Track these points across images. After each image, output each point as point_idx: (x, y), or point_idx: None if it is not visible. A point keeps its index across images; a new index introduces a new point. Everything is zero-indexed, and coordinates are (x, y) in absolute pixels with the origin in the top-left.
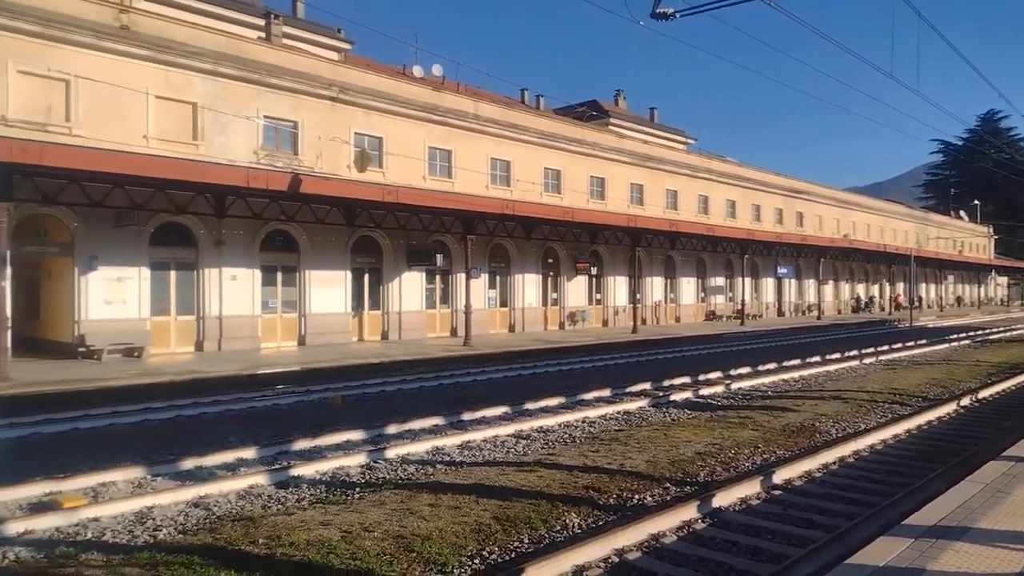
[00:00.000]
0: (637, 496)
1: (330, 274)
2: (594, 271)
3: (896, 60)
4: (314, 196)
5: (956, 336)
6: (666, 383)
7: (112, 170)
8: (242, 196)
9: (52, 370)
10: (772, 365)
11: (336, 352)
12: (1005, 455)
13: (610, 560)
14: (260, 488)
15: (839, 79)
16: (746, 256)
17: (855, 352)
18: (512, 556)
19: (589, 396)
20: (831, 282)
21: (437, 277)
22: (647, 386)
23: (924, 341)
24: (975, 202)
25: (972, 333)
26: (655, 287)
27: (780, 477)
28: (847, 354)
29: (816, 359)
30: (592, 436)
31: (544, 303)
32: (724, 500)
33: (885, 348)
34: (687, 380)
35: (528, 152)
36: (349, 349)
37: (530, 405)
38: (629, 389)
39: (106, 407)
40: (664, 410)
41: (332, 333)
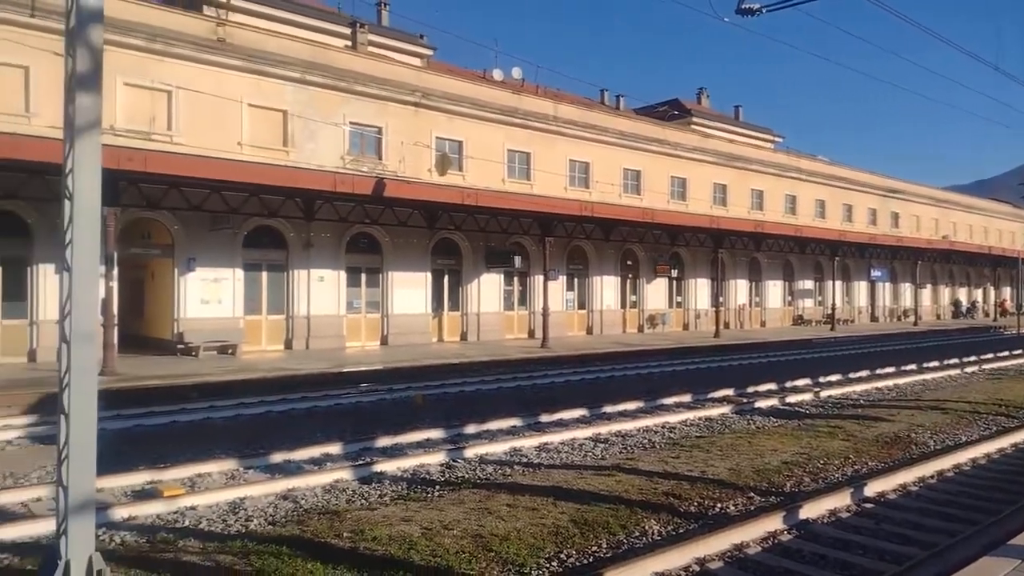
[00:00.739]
0: (719, 505)
1: (411, 275)
2: (675, 273)
3: (1002, 51)
4: (397, 199)
5: None
6: (750, 389)
7: (210, 176)
8: (329, 200)
9: (154, 365)
10: (864, 373)
11: (417, 352)
12: None
13: (691, 569)
14: (344, 483)
15: (939, 72)
16: (836, 258)
17: (955, 360)
18: (590, 560)
19: (669, 401)
20: (929, 286)
21: (515, 279)
22: (730, 392)
23: None
24: None
25: None
26: (739, 290)
27: (873, 490)
28: (946, 362)
29: (912, 367)
30: (672, 442)
31: (623, 305)
32: (812, 512)
33: (989, 356)
34: (773, 387)
35: (607, 153)
36: (429, 349)
37: (608, 408)
38: (711, 395)
39: (202, 402)
40: (748, 417)
41: (413, 333)
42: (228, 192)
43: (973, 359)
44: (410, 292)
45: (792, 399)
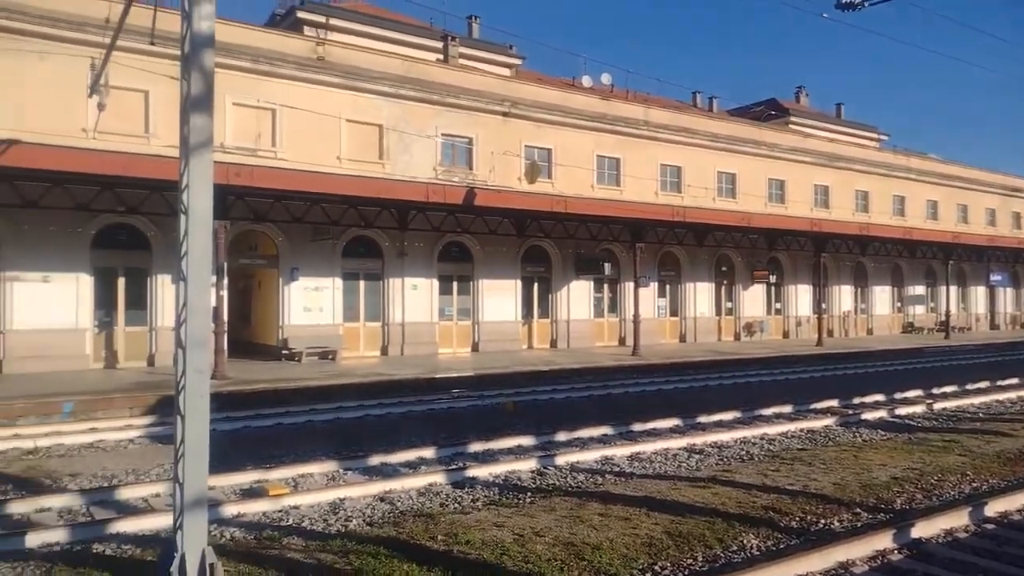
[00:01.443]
0: (823, 520)
1: (501, 283)
2: (773, 279)
3: None
4: (486, 208)
5: None
6: (856, 400)
7: (311, 189)
8: (422, 210)
9: (260, 370)
10: (983, 384)
11: (507, 359)
12: None
13: None
14: (438, 487)
15: None
16: (951, 262)
17: None
18: (685, 574)
19: (768, 411)
20: None
21: (605, 286)
22: (834, 403)
23: None
24: None
25: None
26: (843, 296)
27: (993, 509)
28: None
29: None
30: (771, 454)
31: (717, 313)
32: (925, 531)
33: None
34: (880, 398)
35: (700, 156)
36: (519, 356)
37: (703, 418)
38: (813, 406)
39: (305, 405)
40: (854, 429)
41: (503, 340)
42: (328, 204)
43: None
44: (500, 299)
45: (902, 411)
